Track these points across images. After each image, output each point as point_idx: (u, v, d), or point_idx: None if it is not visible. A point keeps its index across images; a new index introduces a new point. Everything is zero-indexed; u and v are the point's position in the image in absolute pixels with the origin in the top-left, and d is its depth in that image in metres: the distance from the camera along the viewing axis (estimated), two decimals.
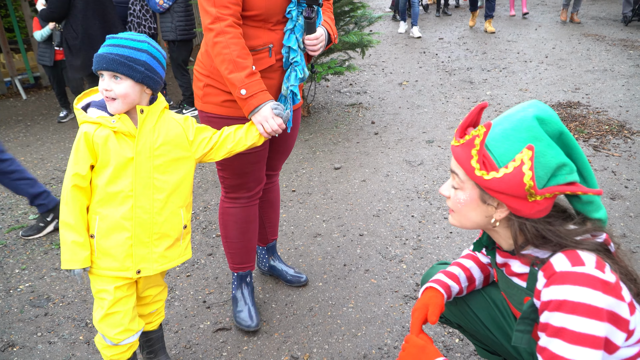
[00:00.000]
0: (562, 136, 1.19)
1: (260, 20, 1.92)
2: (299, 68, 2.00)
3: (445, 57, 7.50)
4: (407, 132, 4.85)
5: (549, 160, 1.16)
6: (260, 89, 1.86)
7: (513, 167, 1.15)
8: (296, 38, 1.97)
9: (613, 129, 4.57)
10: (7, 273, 2.93)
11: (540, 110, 1.19)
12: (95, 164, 1.66)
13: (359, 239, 3.10)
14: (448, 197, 1.34)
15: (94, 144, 1.63)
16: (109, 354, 1.84)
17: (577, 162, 1.22)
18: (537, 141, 1.16)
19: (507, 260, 1.39)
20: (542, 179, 1.16)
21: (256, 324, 2.35)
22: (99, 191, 1.67)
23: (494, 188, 1.18)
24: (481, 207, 1.27)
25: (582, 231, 1.21)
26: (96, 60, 1.61)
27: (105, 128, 1.64)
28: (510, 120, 1.20)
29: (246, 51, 1.86)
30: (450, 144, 1.30)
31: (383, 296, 2.57)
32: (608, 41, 7.87)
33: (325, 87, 6.43)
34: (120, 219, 1.69)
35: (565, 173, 1.18)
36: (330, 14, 2.19)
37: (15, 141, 5.14)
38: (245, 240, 2.35)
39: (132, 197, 1.69)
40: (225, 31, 1.83)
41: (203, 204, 3.64)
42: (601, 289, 1.10)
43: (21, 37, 7.02)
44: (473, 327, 1.67)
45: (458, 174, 1.27)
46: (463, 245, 2.97)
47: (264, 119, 1.86)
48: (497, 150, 1.18)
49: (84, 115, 1.66)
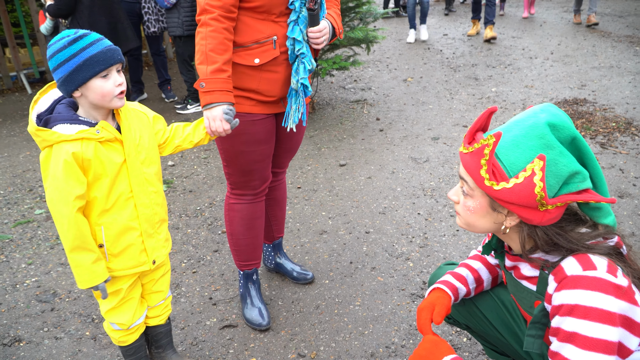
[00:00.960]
0: (575, 141, 1.17)
1: (263, 11, 1.91)
2: (306, 60, 1.99)
3: (450, 54, 7.47)
4: (413, 128, 4.84)
5: (560, 168, 1.14)
6: (220, 87, 1.86)
7: (524, 178, 1.13)
8: (300, 30, 1.96)
9: (620, 126, 4.55)
10: (14, 267, 2.94)
11: (552, 116, 1.16)
12: (89, 179, 1.59)
13: (365, 237, 3.09)
14: (457, 202, 1.32)
15: (84, 161, 1.55)
16: (118, 337, 1.91)
17: (589, 167, 1.19)
18: (549, 149, 1.13)
19: (516, 264, 1.38)
20: (553, 187, 1.14)
21: (267, 322, 2.35)
22: (99, 203, 1.63)
23: (504, 198, 1.16)
24: (491, 215, 1.25)
25: (594, 235, 1.20)
26: (104, 58, 1.53)
27: (89, 142, 1.56)
28: (521, 126, 1.18)
29: (223, 46, 1.86)
30: (459, 150, 1.28)
31: (390, 294, 2.57)
32: (614, 37, 7.83)
33: (329, 83, 6.42)
34: (127, 221, 1.70)
35: (577, 181, 1.16)
36: (337, 9, 2.18)
37: (20, 135, 5.15)
38: (251, 237, 2.35)
39: (132, 197, 1.70)
40: (207, 23, 1.86)
41: (208, 200, 3.64)
42: (613, 293, 1.09)
43: (27, 31, 7.01)
44: (482, 328, 1.67)
45: (467, 182, 1.25)
46: (470, 243, 2.97)
47: (213, 118, 1.87)
48: (507, 159, 1.16)
49: (58, 135, 1.52)
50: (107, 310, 1.82)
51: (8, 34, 6.60)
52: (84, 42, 1.52)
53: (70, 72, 1.51)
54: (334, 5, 2.18)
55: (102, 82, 1.54)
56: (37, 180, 4.09)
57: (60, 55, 1.51)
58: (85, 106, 1.61)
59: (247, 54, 1.95)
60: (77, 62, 1.50)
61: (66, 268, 2.91)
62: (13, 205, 3.70)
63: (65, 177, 1.53)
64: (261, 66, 1.97)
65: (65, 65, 1.51)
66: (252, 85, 2.00)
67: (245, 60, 1.96)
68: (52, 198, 1.55)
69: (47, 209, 3.59)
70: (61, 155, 1.52)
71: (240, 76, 1.99)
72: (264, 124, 2.10)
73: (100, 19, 4.61)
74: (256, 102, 2.05)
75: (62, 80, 1.53)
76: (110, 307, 1.81)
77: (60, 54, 1.51)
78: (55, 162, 1.53)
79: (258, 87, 2.00)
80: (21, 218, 3.52)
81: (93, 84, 1.54)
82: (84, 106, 1.62)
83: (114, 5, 4.77)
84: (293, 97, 2.05)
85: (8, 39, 6.63)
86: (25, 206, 3.68)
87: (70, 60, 1.50)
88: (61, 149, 1.52)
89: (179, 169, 4.21)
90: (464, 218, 1.31)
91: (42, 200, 3.76)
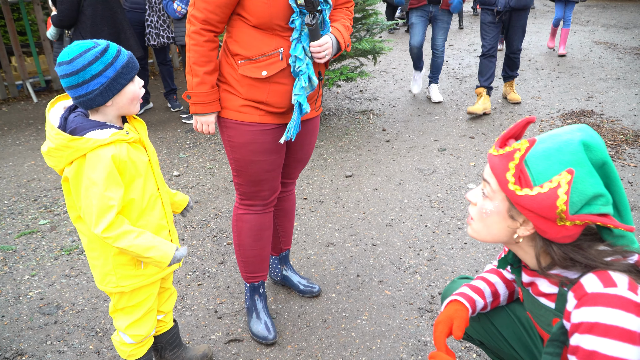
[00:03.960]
0: (605, 166, 1.15)
1: (267, 27, 1.91)
2: (304, 77, 1.97)
3: (456, 64, 7.47)
4: (419, 139, 4.81)
5: (586, 187, 1.12)
6: (203, 100, 1.98)
7: (548, 188, 1.11)
8: (302, 47, 1.95)
9: (628, 139, 4.51)
10: (17, 279, 2.91)
11: (588, 136, 1.15)
12: (125, 182, 1.61)
13: (372, 249, 3.06)
14: (474, 204, 1.30)
15: (121, 163, 1.58)
16: (129, 350, 1.88)
17: (615, 195, 1.18)
18: (579, 166, 1.12)
19: (534, 280, 1.34)
20: (575, 205, 1.12)
21: (274, 336, 2.31)
22: (136, 206, 1.66)
23: (524, 205, 1.14)
24: (506, 221, 1.23)
25: (612, 252, 1.17)
26: (133, 63, 1.59)
27: (121, 143, 1.60)
28: (555, 140, 1.16)
29: (205, 58, 1.93)
30: (488, 152, 1.27)
31: (397, 308, 2.53)
32: (620, 49, 7.81)
33: (335, 94, 6.41)
34: (158, 220, 1.76)
35: (600, 204, 1.14)
36: (346, 21, 2.15)
37: (25, 144, 5.14)
38: (258, 249, 2.32)
39: (159, 196, 1.77)
40: (190, 36, 1.92)
41: (214, 211, 3.61)
42: (635, 312, 1.06)
43: (33, 40, 7.03)
44: (496, 345, 1.63)
45: (490, 183, 1.23)
46: (478, 256, 2.93)
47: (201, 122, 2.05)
48: (535, 167, 1.14)
49: (94, 140, 1.52)
50: (129, 323, 1.81)
51: (14, 42, 6.62)
52: (113, 51, 1.55)
53: (109, 81, 1.53)
54: (343, 17, 2.16)
55: (133, 86, 1.61)
56: (41, 190, 4.08)
57: (95, 67, 1.51)
58: (109, 115, 1.62)
59: (254, 67, 1.94)
60: (115, 70, 1.53)
61: (70, 280, 2.88)
62: (17, 215, 3.68)
63: (107, 182, 1.52)
64: (269, 78, 1.96)
65: (102, 75, 1.52)
66: (261, 97, 1.99)
67: (253, 72, 1.95)
68: (90, 206, 1.52)
69: (51, 219, 3.57)
70: (100, 161, 1.52)
71: (249, 88, 1.98)
72: (273, 133, 2.07)
73: (103, 29, 4.62)
74: (265, 112, 2.03)
75: (100, 91, 1.53)
76: (135, 320, 1.81)
77: (94, 66, 1.51)
78: (93, 168, 1.52)
79: (267, 99, 1.99)
80: (25, 228, 3.49)
81: (128, 89, 1.59)
82: (107, 115, 1.62)
83: (117, 15, 4.77)
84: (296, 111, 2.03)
85: (14, 47, 6.65)
86: (30, 216, 3.66)
87: (108, 70, 1.52)
88: (97, 154, 1.52)
89: (185, 180, 4.19)
90: (477, 222, 1.29)
91: (46, 210, 3.73)
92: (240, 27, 1.93)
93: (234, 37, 1.95)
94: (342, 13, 2.16)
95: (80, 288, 2.80)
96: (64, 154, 1.52)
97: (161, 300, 1.98)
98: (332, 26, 2.06)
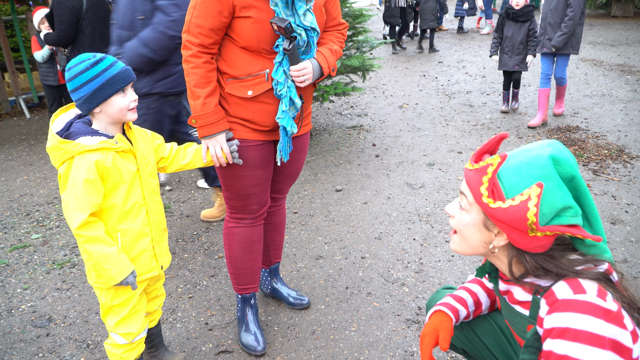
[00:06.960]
0: (574, 180, 1.22)
1: (254, 50, 1.97)
2: (285, 100, 2.02)
3: (445, 81, 7.58)
4: (408, 154, 4.89)
5: (556, 200, 1.18)
6: (210, 121, 1.97)
7: (519, 201, 1.17)
8: (283, 71, 2.00)
9: (612, 154, 4.61)
10: (9, 292, 2.93)
11: (557, 151, 1.21)
12: (106, 188, 1.73)
13: (360, 262, 3.11)
14: (452, 216, 1.36)
15: (104, 169, 1.71)
16: (121, 352, 1.95)
17: (585, 207, 1.24)
18: (548, 180, 1.18)
19: (509, 288, 1.40)
20: (545, 216, 1.18)
21: (263, 348, 2.35)
22: (117, 210, 1.77)
23: (497, 217, 1.21)
24: (482, 232, 1.29)
25: (584, 260, 1.23)
26: (122, 77, 1.71)
27: (108, 152, 1.72)
28: (526, 155, 1.23)
29: (205, 80, 1.96)
30: (464, 167, 1.33)
31: (385, 320, 2.58)
32: (605, 66, 7.97)
33: (326, 109, 6.49)
34: (141, 227, 1.84)
35: (569, 215, 1.20)
36: (334, 45, 2.18)
37: (18, 160, 5.17)
38: (249, 261, 2.36)
39: (144, 204, 1.86)
40: (187, 60, 1.96)
41: (205, 225, 3.65)
42: (603, 317, 1.11)
43: (26, 56, 7.09)
44: (479, 353, 1.68)
45: (466, 196, 1.30)
46: (465, 269, 2.99)
47: (213, 145, 2.02)
48: (507, 181, 1.21)
49: (81, 145, 1.67)
50: (117, 321, 1.88)
51: (7, 58, 6.68)
52: (105, 64, 1.70)
53: (94, 90, 1.68)
54: (332, 40, 2.19)
55: (121, 98, 1.73)
56: (34, 205, 4.11)
57: (84, 76, 1.67)
58: (102, 121, 1.77)
59: (241, 86, 2.01)
60: (100, 82, 1.68)
61: (62, 293, 2.90)
62: (10, 229, 3.71)
63: (85, 185, 1.66)
64: (254, 98, 2.02)
65: (89, 84, 1.67)
66: (247, 115, 2.06)
67: (239, 92, 2.01)
68: (68, 202, 1.66)
69: (44, 233, 3.60)
70: (84, 164, 1.66)
71: (235, 107, 2.05)
72: (259, 150, 2.13)
73: (101, 47, 4.67)
74: (251, 129, 2.10)
75: (86, 98, 1.69)
76: (121, 317, 1.88)
77: (83, 75, 1.67)
78: (77, 170, 1.66)
79: (252, 117, 2.06)
80: (17, 243, 3.52)
81: (113, 100, 1.72)
82: (101, 122, 1.77)
83: None
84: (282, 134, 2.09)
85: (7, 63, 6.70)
86: (22, 230, 3.69)
87: (94, 80, 1.67)
88: (83, 158, 1.67)
89: (176, 194, 4.23)
90: (456, 235, 1.36)
91: (39, 224, 3.76)
92: (229, 48, 2.00)
93: (223, 56, 2.02)
94: (332, 36, 2.21)
95: (72, 301, 2.82)
96: (57, 154, 1.68)
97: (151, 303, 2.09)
98: (318, 51, 2.09)
